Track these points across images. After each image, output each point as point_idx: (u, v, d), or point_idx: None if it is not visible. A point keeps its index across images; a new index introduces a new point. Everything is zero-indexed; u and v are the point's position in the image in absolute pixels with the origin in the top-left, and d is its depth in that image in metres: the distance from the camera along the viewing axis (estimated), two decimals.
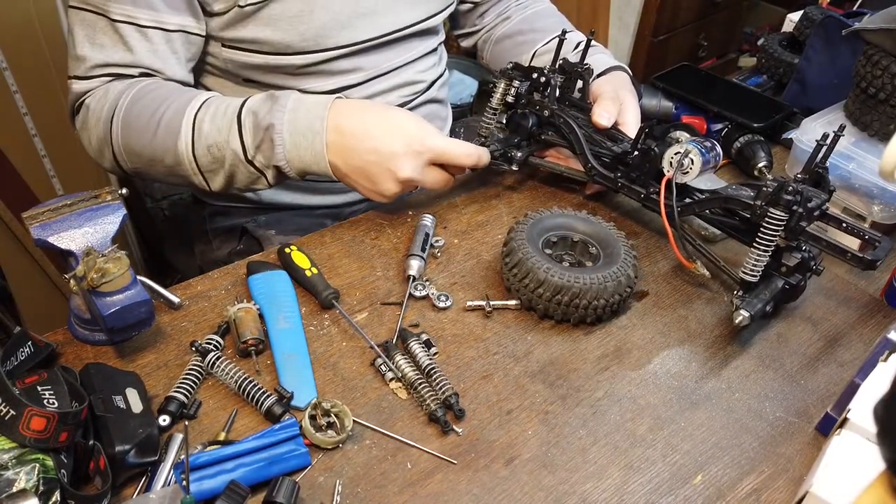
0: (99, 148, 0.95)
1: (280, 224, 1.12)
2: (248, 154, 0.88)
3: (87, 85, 0.93)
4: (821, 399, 0.79)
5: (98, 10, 0.90)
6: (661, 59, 2.39)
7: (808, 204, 0.79)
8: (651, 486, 0.69)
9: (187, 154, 0.89)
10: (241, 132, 0.88)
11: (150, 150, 0.91)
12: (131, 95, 0.90)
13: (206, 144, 0.88)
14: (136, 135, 0.91)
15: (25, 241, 1.54)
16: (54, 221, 0.73)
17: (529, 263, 0.82)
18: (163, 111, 0.89)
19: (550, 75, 0.99)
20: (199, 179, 0.92)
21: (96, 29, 0.90)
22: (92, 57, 0.92)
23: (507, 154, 1.00)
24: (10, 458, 0.59)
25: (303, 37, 0.96)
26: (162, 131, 0.89)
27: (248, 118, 0.88)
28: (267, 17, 0.94)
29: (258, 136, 0.87)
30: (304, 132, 0.87)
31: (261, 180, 0.91)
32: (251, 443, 0.67)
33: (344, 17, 0.98)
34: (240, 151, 0.88)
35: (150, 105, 0.90)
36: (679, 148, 0.87)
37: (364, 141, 0.86)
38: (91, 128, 0.94)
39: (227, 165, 0.90)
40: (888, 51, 0.98)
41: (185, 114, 0.89)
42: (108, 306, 0.70)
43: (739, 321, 0.79)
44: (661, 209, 0.88)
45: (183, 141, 0.89)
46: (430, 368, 0.76)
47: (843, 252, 0.80)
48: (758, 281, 0.82)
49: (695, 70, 1.27)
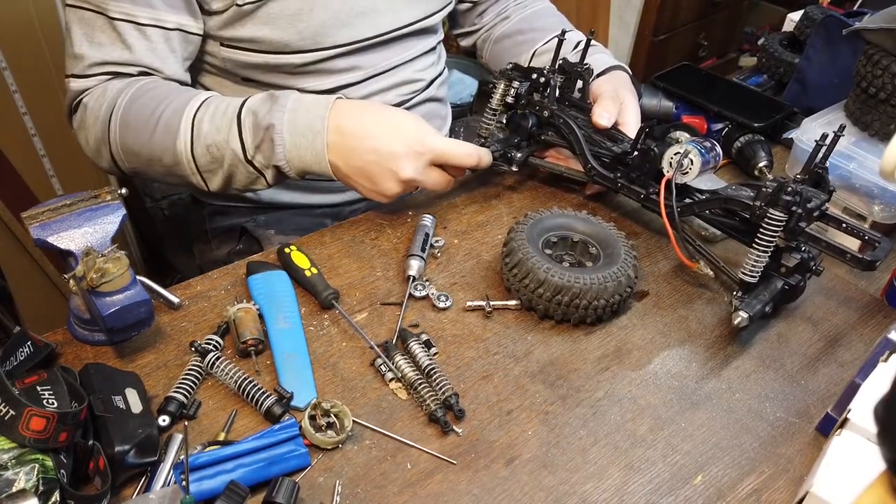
0: (96, 147, 0.95)
1: (279, 224, 1.11)
2: (247, 154, 0.88)
3: (84, 83, 0.93)
4: (821, 399, 0.79)
5: (97, 9, 0.89)
6: (662, 59, 2.39)
7: (807, 204, 0.79)
8: (651, 486, 0.69)
9: (186, 154, 0.89)
10: (241, 132, 0.87)
11: (149, 150, 0.91)
12: (130, 94, 0.90)
13: (206, 144, 0.88)
14: (135, 134, 0.90)
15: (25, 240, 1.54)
16: (54, 221, 0.73)
17: (529, 264, 0.82)
18: (161, 110, 0.89)
19: (550, 76, 0.99)
20: (198, 179, 0.92)
21: (94, 27, 0.90)
22: (90, 55, 0.91)
23: (507, 154, 1.00)
24: (10, 458, 0.59)
25: (301, 35, 0.96)
26: (161, 130, 0.89)
27: (248, 118, 0.88)
28: (266, 15, 0.94)
29: (258, 135, 0.87)
30: (305, 132, 0.86)
31: (260, 180, 0.91)
32: (251, 443, 0.67)
33: (343, 16, 0.98)
34: (239, 151, 0.88)
35: (149, 104, 0.90)
36: (679, 148, 0.87)
37: (364, 141, 0.86)
38: (89, 126, 0.94)
39: (227, 165, 0.89)
40: (888, 50, 0.98)
41: (184, 113, 0.89)
42: (108, 306, 0.70)
43: (738, 322, 0.79)
44: (661, 209, 0.87)
45: (182, 140, 0.89)
46: (430, 369, 0.76)
47: (843, 253, 0.80)
48: (757, 282, 0.82)
49: (695, 70, 1.27)
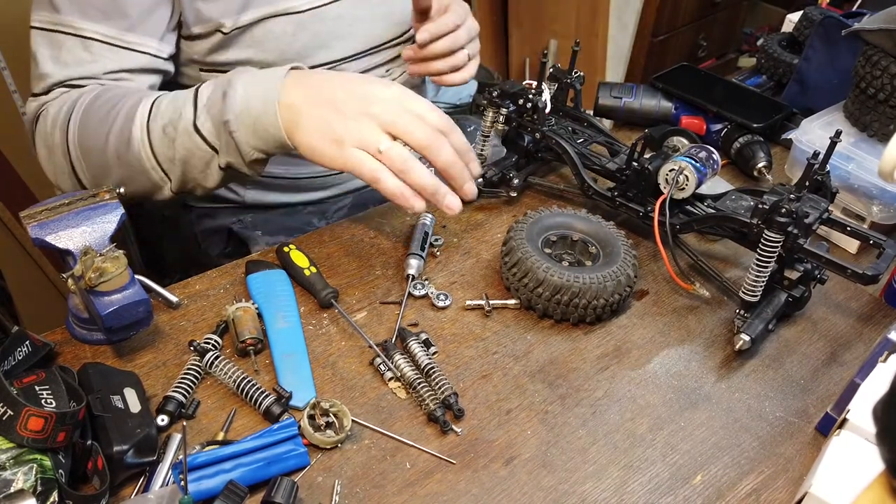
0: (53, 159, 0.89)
1: (266, 224, 1.12)
2: (197, 120, 0.80)
3: (45, 99, 0.91)
4: (820, 399, 0.79)
5: (69, 31, 0.88)
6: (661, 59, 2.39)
7: (804, 220, 0.78)
8: (651, 485, 0.69)
9: (143, 137, 0.83)
10: (196, 100, 0.82)
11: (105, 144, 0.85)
12: (91, 95, 0.87)
13: (162, 125, 0.82)
14: (94, 130, 0.85)
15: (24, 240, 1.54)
16: (52, 220, 0.73)
17: (529, 263, 0.82)
18: (121, 105, 0.85)
19: (536, 99, 0.98)
20: (158, 174, 0.85)
21: (63, 47, 0.89)
22: (55, 73, 0.89)
23: (506, 177, 1.00)
24: (8, 458, 0.59)
25: (284, 57, 0.97)
26: (119, 121, 0.83)
27: (207, 87, 0.82)
28: (250, 39, 0.95)
29: (213, 97, 0.81)
30: (260, 81, 0.80)
31: (213, 160, 0.83)
32: (250, 443, 0.67)
33: (323, 38, 1.00)
34: (190, 116, 0.81)
35: (110, 100, 0.86)
36: (673, 165, 0.87)
37: (335, 78, 0.79)
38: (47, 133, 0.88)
39: (179, 143, 0.82)
40: (888, 51, 0.98)
41: (141, 101, 0.84)
42: (107, 306, 0.69)
43: (740, 346, 0.79)
44: (654, 230, 0.87)
45: (138, 125, 0.83)
46: (430, 368, 0.76)
47: (843, 269, 0.79)
48: (760, 297, 0.81)
49: (694, 70, 1.27)
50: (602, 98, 1.20)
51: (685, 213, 0.90)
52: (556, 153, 1.00)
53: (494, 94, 0.99)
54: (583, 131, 1.03)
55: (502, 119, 1.00)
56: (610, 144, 1.01)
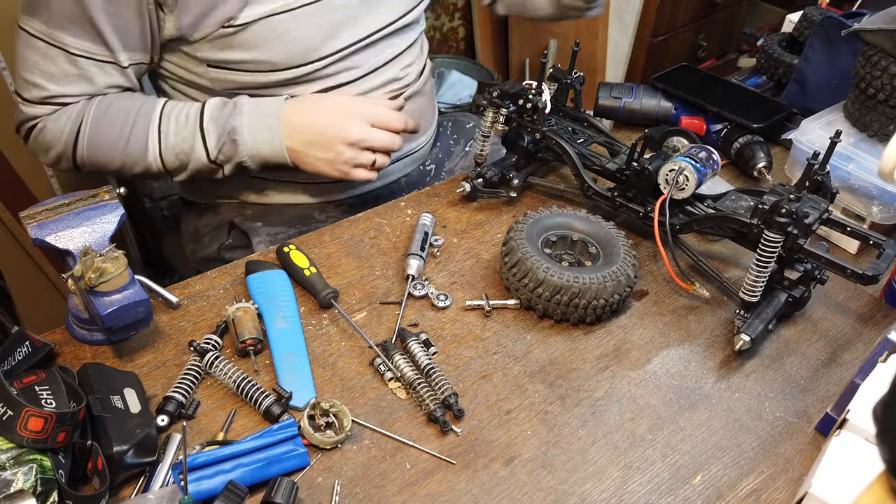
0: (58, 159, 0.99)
1: (267, 216, 1.12)
2: (210, 156, 0.98)
3: (38, 110, 0.95)
4: (820, 399, 0.79)
5: (56, 44, 0.90)
6: (661, 60, 2.39)
7: (804, 220, 0.78)
8: (651, 486, 0.69)
9: (156, 163, 0.98)
10: (205, 140, 0.97)
11: (120, 163, 0.98)
12: (92, 116, 0.94)
13: (175, 153, 0.97)
14: (106, 151, 0.96)
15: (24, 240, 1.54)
16: (52, 221, 0.73)
17: (529, 263, 0.82)
18: (129, 128, 0.95)
19: (536, 99, 0.98)
20: (166, 177, 1.01)
21: (49, 59, 0.91)
22: (46, 87, 0.93)
23: (506, 177, 1.00)
24: (8, 458, 0.59)
25: (289, 55, 0.98)
26: (131, 147, 0.96)
27: (211, 125, 0.96)
28: (251, 38, 0.95)
29: (221, 139, 0.96)
30: (263, 130, 0.97)
31: (219, 172, 1.00)
32: (249, 443, 0.67)
33: (326, 29, 1.00)
34: (203, 157, 0.97)
35: (114, 123, 0.95)
36: (673, 165, 0.87)
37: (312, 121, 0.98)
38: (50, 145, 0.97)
39: (191, 166, 0.99)
40: (887, 51, 0.98)
41: (149, 129, 0.96)
42: (106, 306, 0.69)
43: (740, 346, 0.79)
44: (654, 231, 0.87)
45: (152, 154, 0.97)
46: (430, 368, 0.76)
47: (843, 269, 0.79)
48: (760, 298, 0.81)
49: (694, 70, 1.27)
50: (602, 98, 1.19)
51: (685, 213, 0.90)
52: (556, 153, 1.00)
53: (494, 94, 0.99)
54: (583, 131, 1.03)
55: (502, 119, 1.00)
56: (610, 145, 1.01)
